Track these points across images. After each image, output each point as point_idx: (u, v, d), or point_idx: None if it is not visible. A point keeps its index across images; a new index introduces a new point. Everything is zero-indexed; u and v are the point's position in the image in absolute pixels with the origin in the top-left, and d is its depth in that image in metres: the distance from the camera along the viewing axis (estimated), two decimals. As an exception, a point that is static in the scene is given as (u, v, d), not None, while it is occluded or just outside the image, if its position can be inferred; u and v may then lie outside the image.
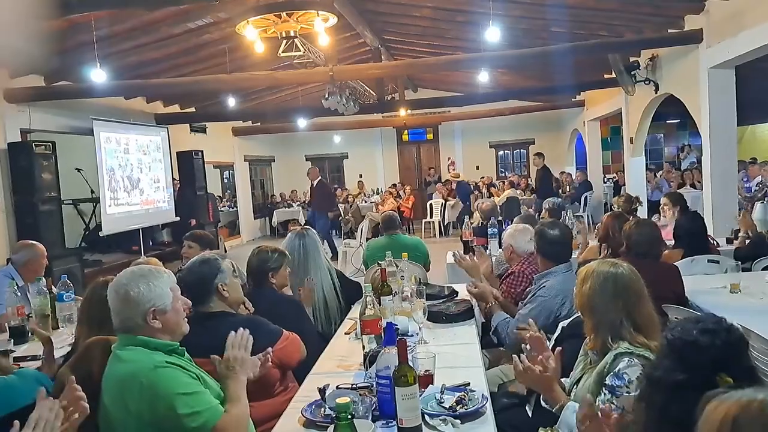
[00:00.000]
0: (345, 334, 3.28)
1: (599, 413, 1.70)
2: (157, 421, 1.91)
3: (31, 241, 4.38)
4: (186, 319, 2.15)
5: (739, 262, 4.10)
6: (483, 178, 16.42)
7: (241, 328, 2.24)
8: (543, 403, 2.24)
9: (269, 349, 2.38)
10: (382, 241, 5.38)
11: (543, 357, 2.21)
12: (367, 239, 9.30)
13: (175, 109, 12.13)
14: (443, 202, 14.29)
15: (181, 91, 10.80)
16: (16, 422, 1.56)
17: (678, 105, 8.86)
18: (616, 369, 1.99)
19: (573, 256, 3.64)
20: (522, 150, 18.30)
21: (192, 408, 1.90)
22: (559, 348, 2.27)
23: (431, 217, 14.33)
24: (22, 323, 3.56)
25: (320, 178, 12.44)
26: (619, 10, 8.13)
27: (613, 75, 9.99)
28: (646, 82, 9.40)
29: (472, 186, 15.39)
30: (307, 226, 4.13)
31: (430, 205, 14.54)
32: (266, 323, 2.69)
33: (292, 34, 6.56)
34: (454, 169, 16.73)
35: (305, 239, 3.83)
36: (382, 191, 16.66)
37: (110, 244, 9.84)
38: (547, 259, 3.38)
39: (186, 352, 2.11)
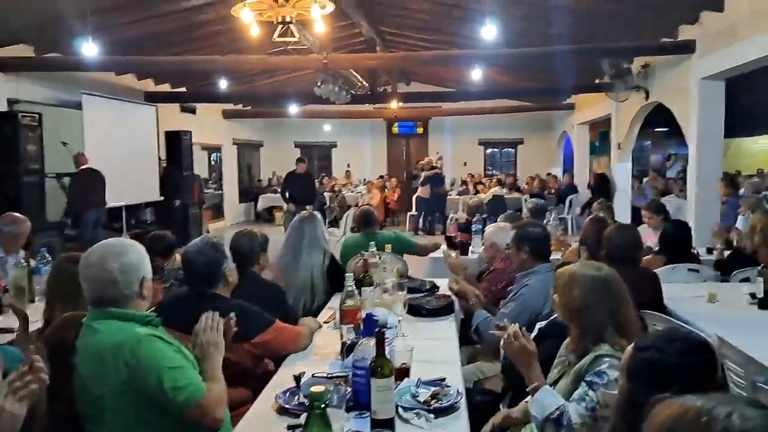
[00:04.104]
0: (324, 323, 3.25)
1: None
2: (139, 394, 1.90)
3: (21, 216, 4.38)
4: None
5: (719, 272, 4.15)
6: (472, 175, 16.41)
7: (210, 312, 2.21)
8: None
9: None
10: (359, 239, 5.04)
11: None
12: (351, 229, 9.23)
13: (166, 87, 12.01)
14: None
15: (174, 70, 10.69)
16: None
17: (666, 114, 8.91)
18: (597, 369, 1.99)
19: (554, 257, 3.66)
20: (510, 149, 18.38)
21: (176, 382, 1.89)
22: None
23: (416, 210, 14.24)
24: (-4, 294, 3.54)
25: (87, 165, 8.40)
26: (614, 16, 8.16)
27: (605, 80, 10.03)
28: (637, 90, 9.44)
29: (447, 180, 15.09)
30: (313, 211, 4.19)
31: (416, 198, 14.41)
32: (259, 312, 2.68)
33: (288, 19, 6.50)
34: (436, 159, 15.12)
35: (305, 223, 3.90)
36: (368, 182, 16.56)
37: (92, 220, 9.72)
38: (534, 256, 3.38)
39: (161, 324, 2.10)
